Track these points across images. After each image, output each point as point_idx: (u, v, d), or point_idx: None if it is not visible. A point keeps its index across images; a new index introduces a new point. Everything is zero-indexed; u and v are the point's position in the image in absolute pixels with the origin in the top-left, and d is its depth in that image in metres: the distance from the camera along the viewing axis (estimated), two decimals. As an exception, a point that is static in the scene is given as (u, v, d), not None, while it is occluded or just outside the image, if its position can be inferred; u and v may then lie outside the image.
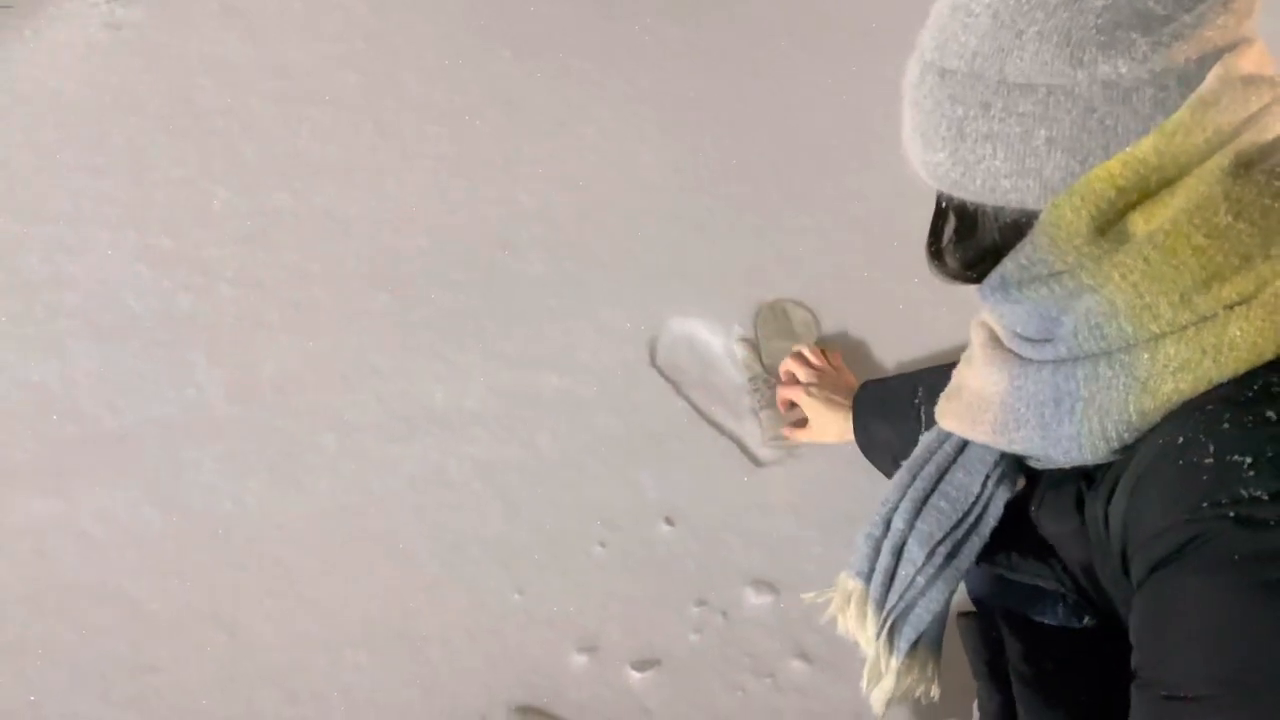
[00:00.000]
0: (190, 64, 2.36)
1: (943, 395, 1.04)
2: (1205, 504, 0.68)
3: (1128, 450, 0.79)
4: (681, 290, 1.97)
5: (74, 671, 1.53)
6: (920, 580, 1.06)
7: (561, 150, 2.20)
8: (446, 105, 2.29)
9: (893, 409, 1.43)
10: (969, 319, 1.03)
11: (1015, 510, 1.05)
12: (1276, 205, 0.71)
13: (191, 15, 2.48)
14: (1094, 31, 0.68)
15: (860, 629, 1.13)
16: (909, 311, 1.92)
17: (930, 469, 1.08)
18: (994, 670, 1.05)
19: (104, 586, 1.61)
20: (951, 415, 1.01)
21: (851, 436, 1.56)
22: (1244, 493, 0.66)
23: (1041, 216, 0.76)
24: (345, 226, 2.08)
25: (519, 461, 1.76)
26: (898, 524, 1.08)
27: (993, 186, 0.76)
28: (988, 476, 1.04)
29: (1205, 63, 0.69)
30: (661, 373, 1.88)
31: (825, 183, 2.13)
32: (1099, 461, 0.81)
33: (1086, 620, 1.06)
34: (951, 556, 1.05)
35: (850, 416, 1.56)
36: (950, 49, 0.75)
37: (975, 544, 1.05)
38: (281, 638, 1.56)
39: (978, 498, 1.04)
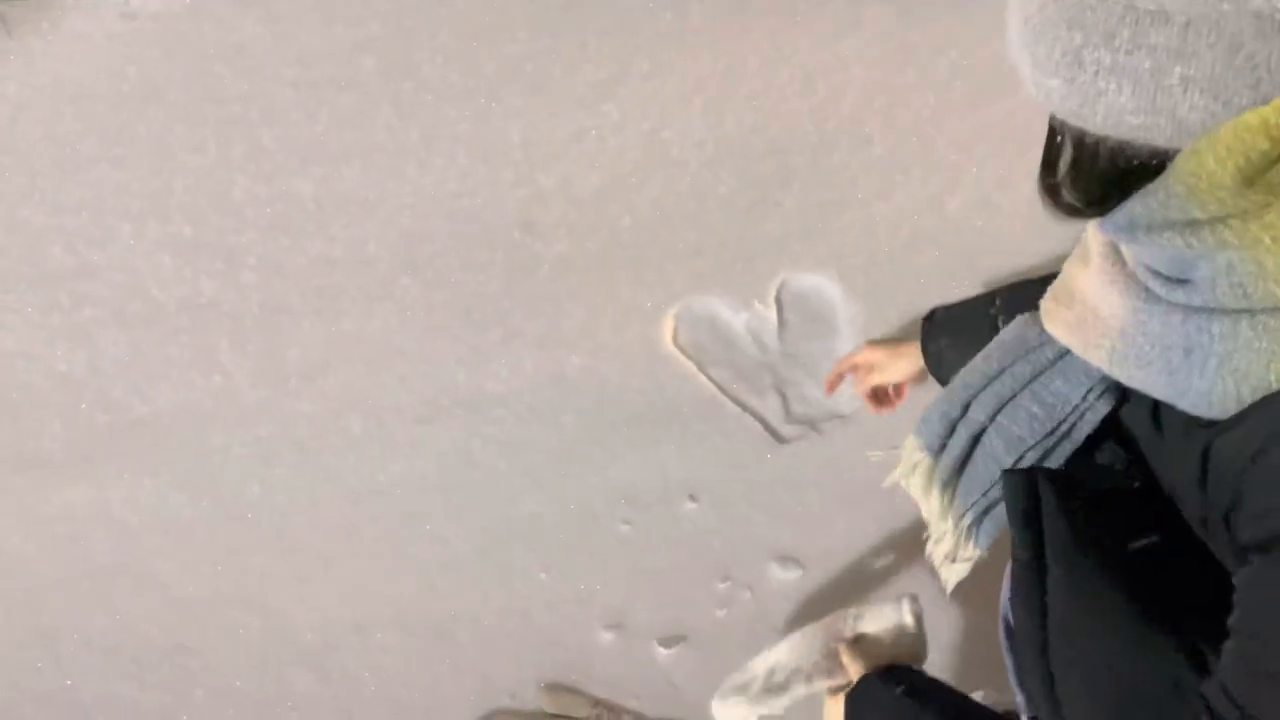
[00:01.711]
0: (207, 52, 2.36)
1: (1050, 292, 0.96)
2: None
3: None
4: (703, 269, 1.97)
5: (108, 655, 1.56)
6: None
7: (582, 130, 2.19)
8: (464, 87, 2.28)
9: (967, 324, 1.28)
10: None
11: None
12: None
13: (208, 3, 2.48)
14: None
15: (924, 499, 1.10)
16: (938, 287, 1.90)
17: (1024, 367, 1.00)
18: (1029, 520, 0.98)
19: (136, 572, 1.63)
20: (1061, 323, 0.92)
21: (920, 366, 1.38)
22: None
23: (1178, 161, 0.66)
24: (366, 211, 2.09)
25: (543, 441, 1.77)
26: (977, 413, 1.03)
27: (1117, 122, 0.67)
28: (1089, 390, 0.96)
29: None
30: (683, 351, 1.87)
31: (850, 159, 2.11)
32: (1224, 417, 0.75)
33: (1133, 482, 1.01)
34: (1042, 458, 1.00)
35: (916, 352, 1.39)
36: None
37: (1066, 449, 0.99)
38: (312, 619, 1.58)
39: (1075, 408, 0.97)
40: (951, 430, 1.05)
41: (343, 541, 1.65)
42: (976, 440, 1.03)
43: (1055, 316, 0.93)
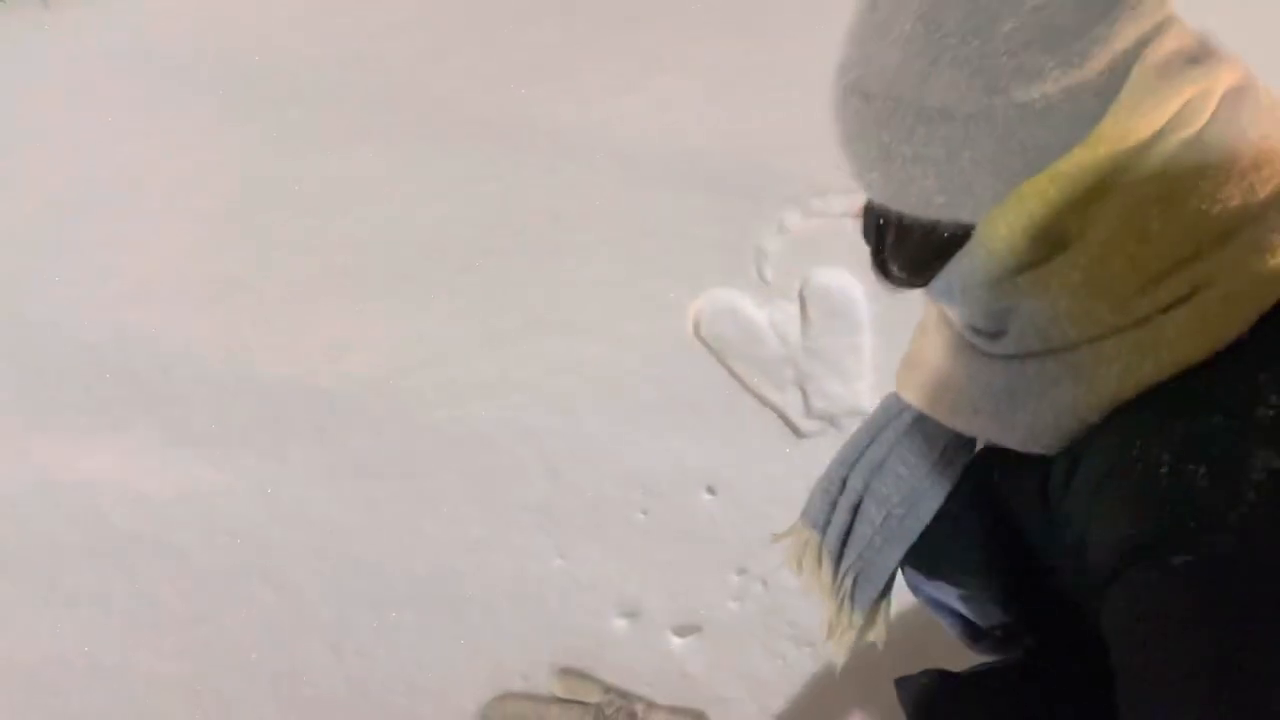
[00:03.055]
0: (239, 29, 2.38)
1: (902, 362, 1.05)
2: (1164, 513, 0.70)
3: (1080, 440, 0.81)
4: (726, 261, 1.97)
5: (128, 622, 1.57)
6: (878, 540, 1.10)
7: (609, 119, 2.20)
8: (493, 74, 2.30)
9: None
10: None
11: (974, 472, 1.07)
12: (1206, 206, 0.71)
13: (243, -17, 2.51)
14: (1004, 58, 0.67)
15: (815, 576, 1.17)
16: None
17: (889, 434, 1.09)
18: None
19: (157, 541, 1.65)
20: (911, 387, 1.02)
21: None
22: (1200, 502, 0.68)
23: (979, 228, 0.76)
24: (393, 194, 2.10)
25: (562, 428, 1.77)
26: (854, 483, 1.11)
27: (926, 203, 0.75)
28: (947, 445, 1.05)
29: (1120, 67, 0.68)
30: (705, 343, 1.88)
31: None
32: (1052, 452, 0.83)
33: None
34: (905, 518, 1.08)
35: None
36: (870, 73, 0.73)
37: (930, 507, 1.08)
38: (328, 595, 1.59)
39: (934, 464, 1.06)
40: (833, 506, 1.13)
41: (360, 518, 1.66)
42: (856, 509, 1.11)
43: (906, 382, 1.02)
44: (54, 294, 1.97)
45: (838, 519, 1.12)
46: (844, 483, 1.12)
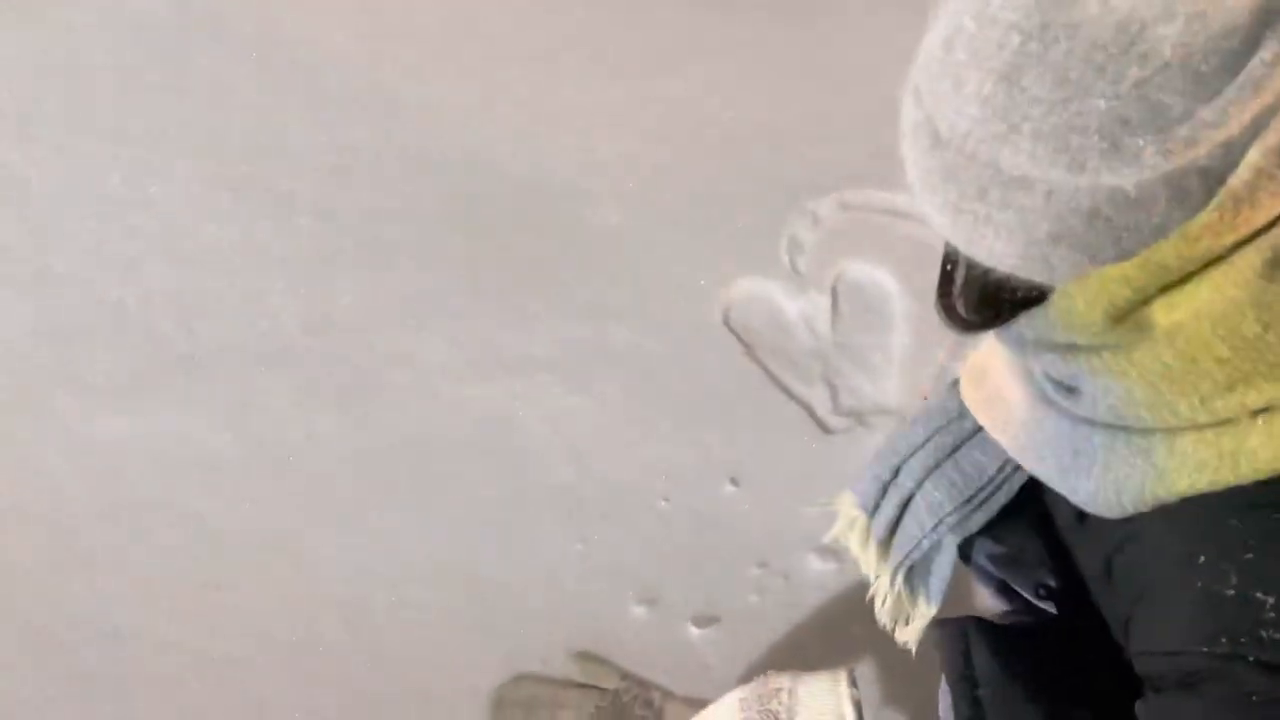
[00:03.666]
0: (277, -7, 2.35)
1: (966, 371, 1.02)
2: (1225, 639, 0.68)
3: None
4: (759, 251, 1.95)
5: (143, 586, 1.56)
6: (925, 544, 1.08)
7: (645, 100, 2.17)
8: (530, 48, 2.27)
9: None
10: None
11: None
12: None
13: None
14: (1095, 138, 0.58)
15: (863, 554, 1.16)
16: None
17: (946, 437, 1.06)
18: (966, 681, 1.04)
19: (175, 506, 1.64)
20: (974, 401, 0.99)
21: None
22: (1264, 635, 0.67)
23: (1054, 298, 0.71)
24: (423, 165, 2.08)
25: (586, 412, 1.76)
26: (905, 479, 1.09)
27: (997, 262, 0.68)
28: (1005, 463, 1.01)
29: (1235, 149, 0.58)
30: (734, 333, 1.86)
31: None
32: (1113, 517, 0.80)
33: (1051, 607, 1.07)
34: (957, 525, 1.06)
35: None
36: (942, 114, 0.65)
37: (981, 518, 1.06)
38: (345, 569, 1.58)
39: (991, 480, 1.03)
40: (884, 492, 1.11)
41: (381, 494, 1.65)
42: (906, 504, 1.09)
43: (971, 398, 1.00)
44: (80, 248, 1.95)
45: (886, 508, 1.10)
46: (896, 472, 1.09)
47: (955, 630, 1.05)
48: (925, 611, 1.13)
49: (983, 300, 0.76)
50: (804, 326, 1.86)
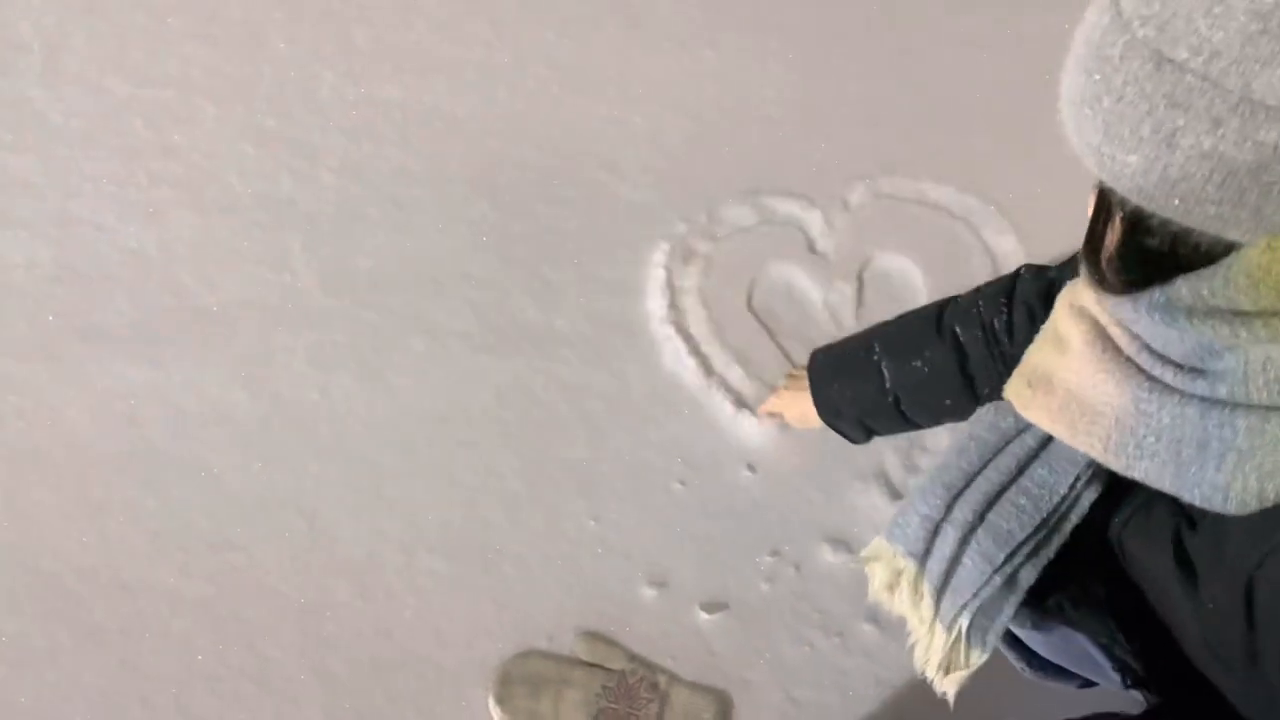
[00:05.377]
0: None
1: (1021, 378, 0.92)
2: None
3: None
4: (786, 234, 1.92)
5: (154, 539, 1.56)
6: (998, 579, 0.98)
7: (680, 73, 2.13)
8: (567, 13, 2.23)
9: (850, 367, 1.33)
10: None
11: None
12: None
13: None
14: None
15: (914, 609, 1.06)
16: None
17: (1007, 460, 0.98)
18: None
19: (190, 460, 1.63)
20: (1042, 410, 0.89)
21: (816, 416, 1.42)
22: None
23: (1247, 252, 0.65)
24: (452, 127, 2.05)
25: (605, 388, 1.74)
26: (963, 513, 0.99)
27: (1190, 209, 0.64)
28: (1077, 477, 0.94)
29: None
30: (757, 316, 1.84)
31: (950, 141, 2.05)
32: (1242, 514, 0.73)
33: (1133, 689, 0.99)
34: (1032, 555, 0.97)
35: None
36: (1180, 35, 0.60)
37: (1055, 542, 0.96)
38: (359, 532, 1.57)
39: (1064, 498, 0.95)
40: (934, 534, 1.01)
41: (396, 459, 1.64)
42: (965, 540, 1.00)
43: (1034, 404, 0.90)
44: (100, 192, 1.93)
45: (942, 546, 1.01)
46: (949, 508, 1.01)
47: None
48: (976, 660, 1.03)
49: (1146, 258, 0.70)
50: (828, 314, 1.84)
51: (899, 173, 2.01)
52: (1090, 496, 0.94)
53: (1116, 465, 0.81)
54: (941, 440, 1.67)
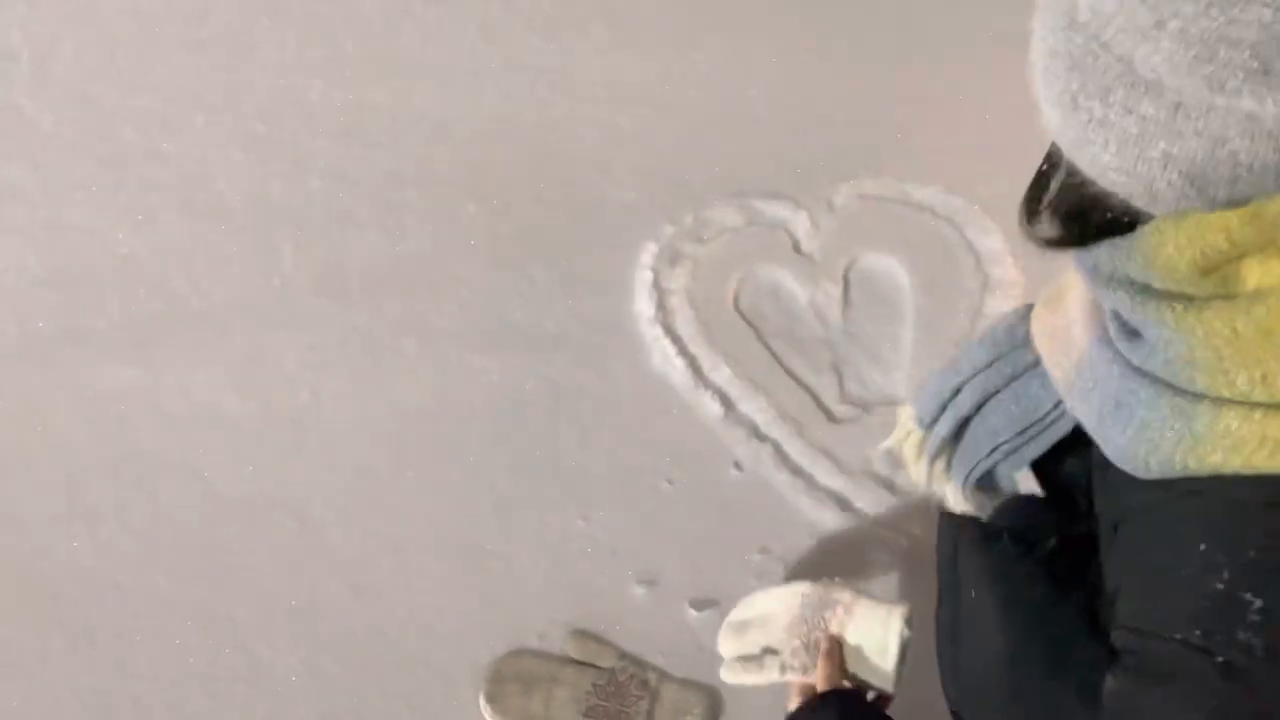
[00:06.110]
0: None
1: (1043, 299, 0.97)
2: (1199, 631, 0.67)
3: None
4: (772, 235, 1.94)
5: (146, 542, 1.57)
6: (985, 464, 1.08)
7: (667, 75, 2.15)
8: (553, 15, 2.24)
9: None
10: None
11: None
12: None
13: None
14: (1246, 54, 0.54)
15: (914, 466, 1.17)
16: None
17: (1007, 366, 1.03)
18: (951, 587, 1.02)
19: (180, 463, 1.64)
20: (1041, 327, 0.94)
21: None
22: (1240, 636, 0.65)
23: (1143, 231, 0.66)
24: (441, 130, 2.06)
25: (594, 388, 1.75)
26: (965, 400, 1.08)
27: (1099, 173, 0.65)
28: (1059, 402, 0.97)
29: None
30: (744, 317, 1.85)
31: (935, 142, 2.07)
32: (1137, 475, 0.76)
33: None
34: (1013, 452, 1.05)
35: None
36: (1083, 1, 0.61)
37: (1034, 451, 1.03)
38: (350, 533, 1.58)
39: (1045, 415, 1.00)
40: (942, 409, 1.11)
41: (387, 460, 1.65)
42: (964, 423, 1.09)
43: (1040, 318, 0.96)
44: (91, 199, 1.94)
45: (943, 424, 1.10)
46: (956, 391, 1.09)
47: (948, 532, 1.03)
48: (966, 506, 1.14)
49: (1071, 215, 0.72)
50: (814, 314, 1.86)
51: (884, 173, 2.03)
52: (1069, 423, 0.98)
53: (1066, 400, 0.87)
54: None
